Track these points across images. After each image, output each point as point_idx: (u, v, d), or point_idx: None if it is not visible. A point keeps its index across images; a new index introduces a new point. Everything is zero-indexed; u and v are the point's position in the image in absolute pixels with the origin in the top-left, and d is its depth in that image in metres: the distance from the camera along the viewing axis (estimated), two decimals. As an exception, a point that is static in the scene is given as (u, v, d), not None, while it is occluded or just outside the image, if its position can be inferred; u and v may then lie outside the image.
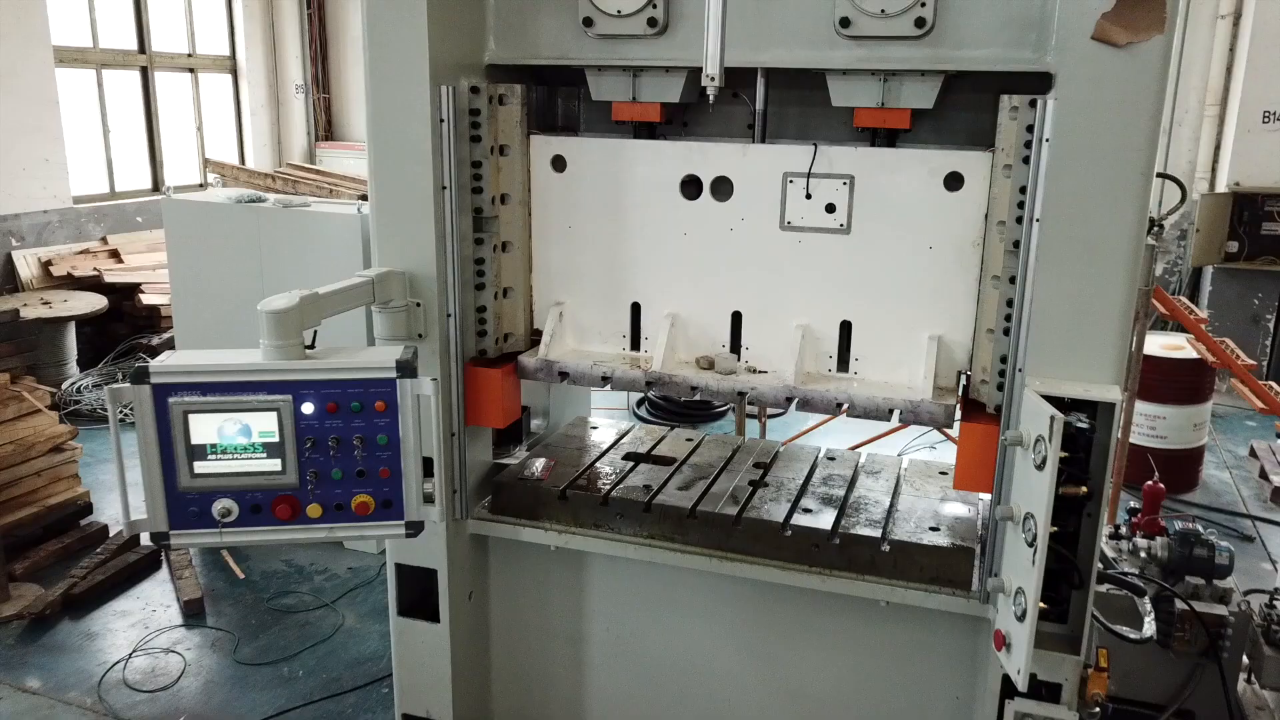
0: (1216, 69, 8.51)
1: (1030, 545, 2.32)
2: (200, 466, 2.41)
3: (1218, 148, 8.57)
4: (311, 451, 2.43)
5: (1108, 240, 2.39)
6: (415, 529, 2.53)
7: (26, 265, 8.35)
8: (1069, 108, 2.37)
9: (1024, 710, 2.69)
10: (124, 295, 8.64)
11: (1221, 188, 8.33)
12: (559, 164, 3.16)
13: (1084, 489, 2.42)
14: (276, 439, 2.41)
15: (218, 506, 2.44)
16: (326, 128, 11.98)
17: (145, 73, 9.83)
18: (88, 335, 8.44)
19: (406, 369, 2.43)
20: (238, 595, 4.92)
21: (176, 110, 10.36)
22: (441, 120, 2.87)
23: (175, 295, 5.53)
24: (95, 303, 8.10)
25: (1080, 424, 2.35)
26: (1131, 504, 4.49)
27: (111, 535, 5.40)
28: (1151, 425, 6.33)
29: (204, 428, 2.38)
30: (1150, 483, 4.39)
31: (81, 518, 5.55)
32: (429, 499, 2.55)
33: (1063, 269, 2.44)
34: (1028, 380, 2.48)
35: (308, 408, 2.41)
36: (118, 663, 4.30)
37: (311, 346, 2.50)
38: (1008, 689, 2.71)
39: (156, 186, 10.03)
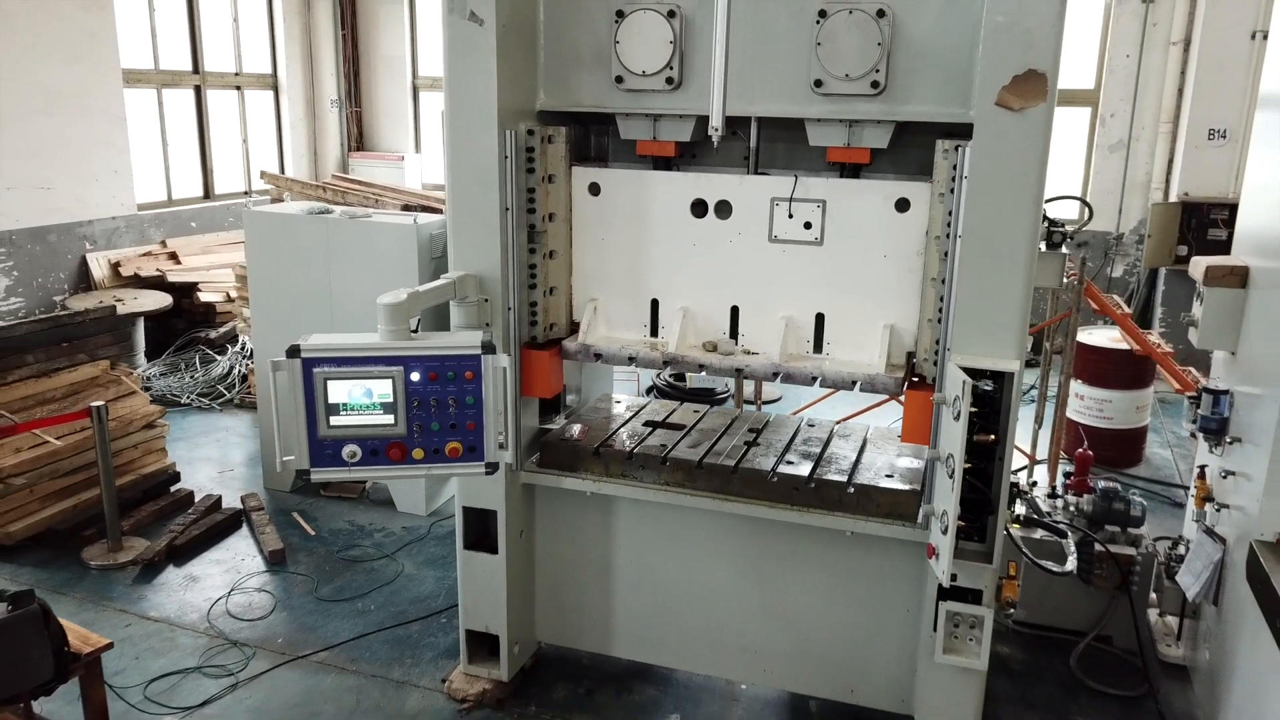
0: (1169, 90, 9.24)
1: (950, 477, 3.08)
2: (334, 420, 3.17)
3: (1171, 161, 9.31)
4: (417, 409, 3.20)
5: (1009, 251, 3.15)
6: (493, 468, 3.30)
7: (98, 266, 9.13)
8: (980, 153, 3.12)
9: (953, 610, 3.46)
10: (182, 293, 9.39)
11: (1174, 198, 9.08)
12: (594, 189, 3.92)
13: (992, 437, 3.18)
14: (391, 399, 3.18)
15: (346, 450, 3.20)
16: (358, 139, 12.72)
17: (198, 91, 10.59)
18: (149, 329, 9.19)
19: (489, 348, 3.20)
20: (311, 548, 5.68)
21: (224, 124, 11.11)
22: (506, 157, 3.63)
23: (253, 294, 6.27)
24: (162, 300, 8.87)
25: (986, 387, 3.11)
26: (1066, 469, 5.23)
27: (197, 500, 6.16)
28: (1100, 408, 7.08)
29: (338, 391, 3.14)
30: (1080, 450, 5.16)
31: (171, 485, 6.29)
32: (502, 446, 3.32)
33: (977, 273, 3.20)
34: (951, 356, 3.24)
35: (415, 376, 3.17)
36: (220, 599, 5.06)
37: (416, 331, 3.27)
38: (943, 594, 3.47)
39: (208, 194, 10.79)
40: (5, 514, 5.37)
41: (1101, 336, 7.14)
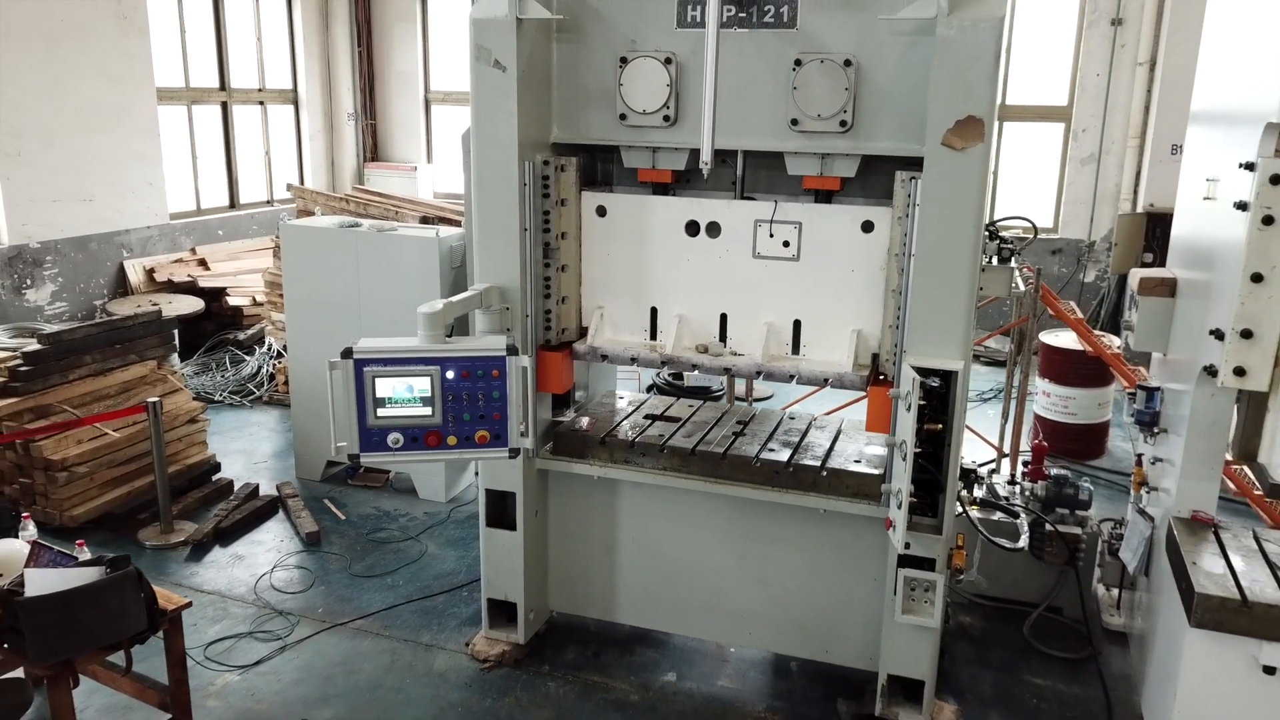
0: (1136, 107, 9.75)
1: (904, 460, 3.59)
2: (381, 411, 3.68)
3: (1138, 174, 9.81)
4: (451, 402, 3.71)
5: (954, 267, 3.65)
6: (515, 453, 3.81)
7: (135, 272, 9.64)
8: (929, 184, 3.63)
9: (910, 575, 3.96)
10: (211, 297, 9.89)
11: (1141, 208, 9.58)
12: (601, 211, 4.43)
13: (940, 425, 3.68)
14: (429, 394, 3.69)
15: (390, 437, 3.71)
16: (373, 150, 13.23)
17: (225, 106, 11.11)
18: (180, 331, 9.63)
19: (513, 350, 3.71)
20: (342, 531, 6.19)
21: (248, 137, 11.62)
22: (524, 185, 4.14)
23: (288, 300, 6.77)
24: (195, 304, 9.38)
25: (933, 384, 3.61)
26: (1024, 458, 5.75)
27: (237, 488, 6.67)
28: (1064, 404, 7.57)
29: (384, 386, 3.66)
30: (1036, 442, 5.67)
31: (212, 474, 6.80)
32: (523, 434, 3.83)
33: (928, 286, 3.70)
34: (906, 357, 3.75)
35: (450, 374, 3.69)
36: (264, 574, 5.57)
37: (450, 335, 3.78)
38: (901, 562, 3.97)
39: (233, 204, 11.31)
40: (69, 499, 5.88)
41: (1066, 338, 7.63)
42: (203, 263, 10.30)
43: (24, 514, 4.17)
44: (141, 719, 4.06)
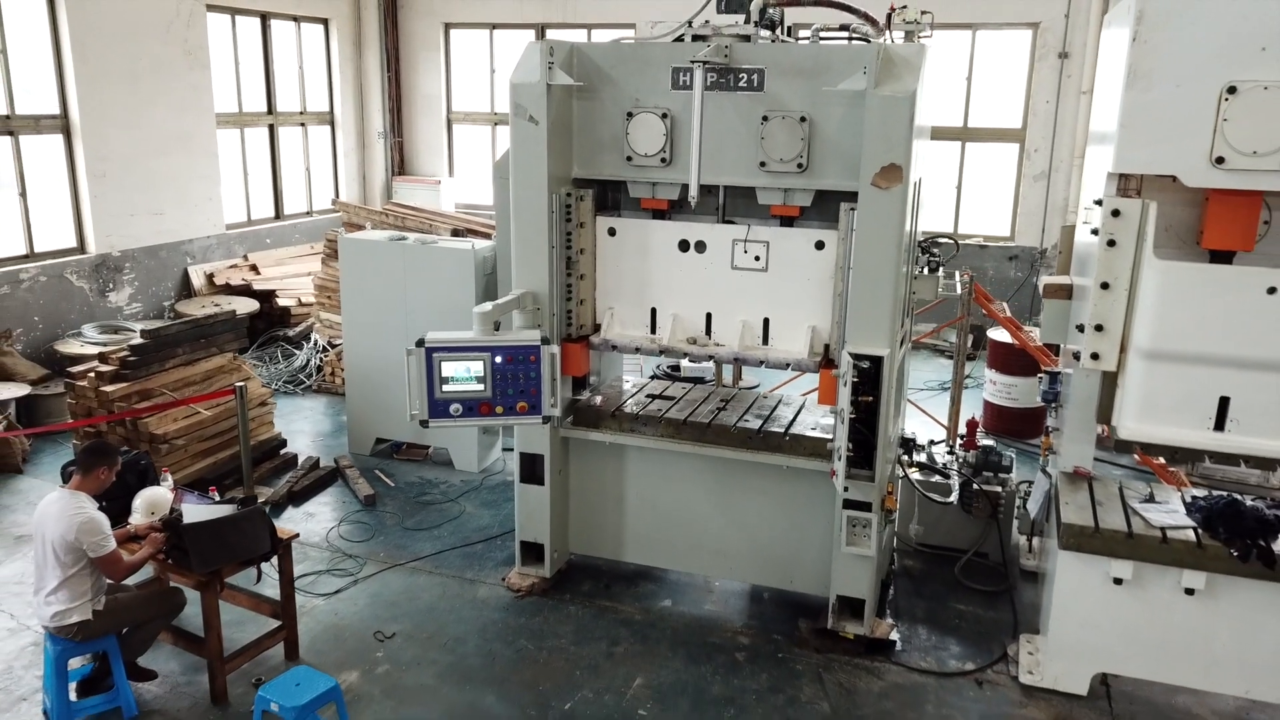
0: (1081, 130, 10.74)
1: (843, 423, 4.61)
2: (445, 387, 4.71)
3: (1082, 189, 10.81)
4: (499, 381, 4.74)
5: (882, 278, 4.67)
6: (548, 419, 4.85)
7: (197, 277, 10.67)
8: (863, 215, 4.65)
9: (852, 515, 4.97)
10: (262, 298, 10.91)
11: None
12: (612, 232, 5.45)
13: (871, 398, 4.70)
14: (483, 374, 4.72)
15: (452, 407, 4.74)
16: (400, 165, 14.26)
17: (271, 129, 12.14)
18: (236, 329, 10.68)
19: (545, 341, 4.74)
20: (393, 495, 7.21)
21: (291, 155, 12.64)
22: (552, 212, 5.16)
23: (344, 301, 7.79)
24: (251, 305, 10.40)
25: (864, 365, 4.62)
26: (961, 431, 6.77)
27: (301, 461, 7.69)
28: (1008, 391, 8.57)
29: (449, 368, 4.68)
30: (969, 420, 6.69)
31: (280, 449, 7.82)
32: (553, 406, 4.86)
33: (863, 291, 4.73)
34: (846, 346, 4.77)
35: (499, 359, 4.71)
36: (333, 527, 6.61)
37: (498, 328, 4.80)
38: (846, 505, 4.98)
39: (278, 215, 12.33)
40: (169, 467, 6.90)
41: (1006, 334, 8.63)
42: (254, 268, 11.33)
43: (163, 468, 5.19)
44: (254, 629, 5.07)
